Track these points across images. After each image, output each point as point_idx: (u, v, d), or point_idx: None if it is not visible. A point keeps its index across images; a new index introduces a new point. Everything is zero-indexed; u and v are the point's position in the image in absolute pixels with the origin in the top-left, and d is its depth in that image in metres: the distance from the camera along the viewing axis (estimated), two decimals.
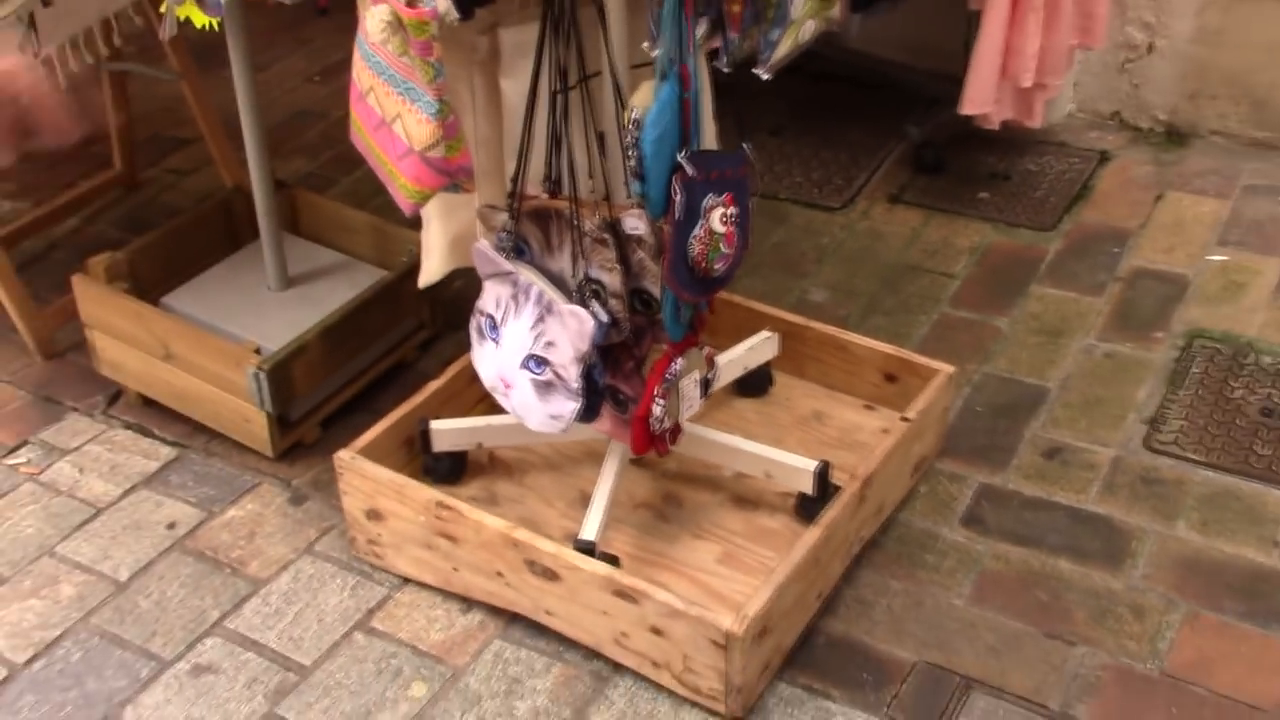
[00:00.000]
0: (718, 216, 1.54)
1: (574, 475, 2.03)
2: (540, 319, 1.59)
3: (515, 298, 1.62)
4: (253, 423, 2.16)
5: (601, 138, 1.67)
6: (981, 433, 2.16)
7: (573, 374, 1.54)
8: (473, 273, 1.86)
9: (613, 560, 1.82)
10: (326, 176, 2.92)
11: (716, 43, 1.51)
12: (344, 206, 2.49)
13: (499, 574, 1.83)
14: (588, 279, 1.62)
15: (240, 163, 2.21)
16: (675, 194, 1.49)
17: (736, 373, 2.11)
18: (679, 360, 1.67)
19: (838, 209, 2.71)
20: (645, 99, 1.49)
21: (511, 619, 1.88)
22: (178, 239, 2.41)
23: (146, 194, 2.89)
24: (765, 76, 1.53)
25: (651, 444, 1.74)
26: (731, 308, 2.09)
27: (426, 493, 1.85)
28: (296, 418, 2.19)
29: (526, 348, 1.60)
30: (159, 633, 1.91)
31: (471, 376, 2.10)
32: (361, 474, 1.89)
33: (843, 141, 2.91)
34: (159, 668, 1.86)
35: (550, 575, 1.77)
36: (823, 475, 1.89)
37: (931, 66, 2.84)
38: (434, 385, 2.06)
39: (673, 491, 1.99)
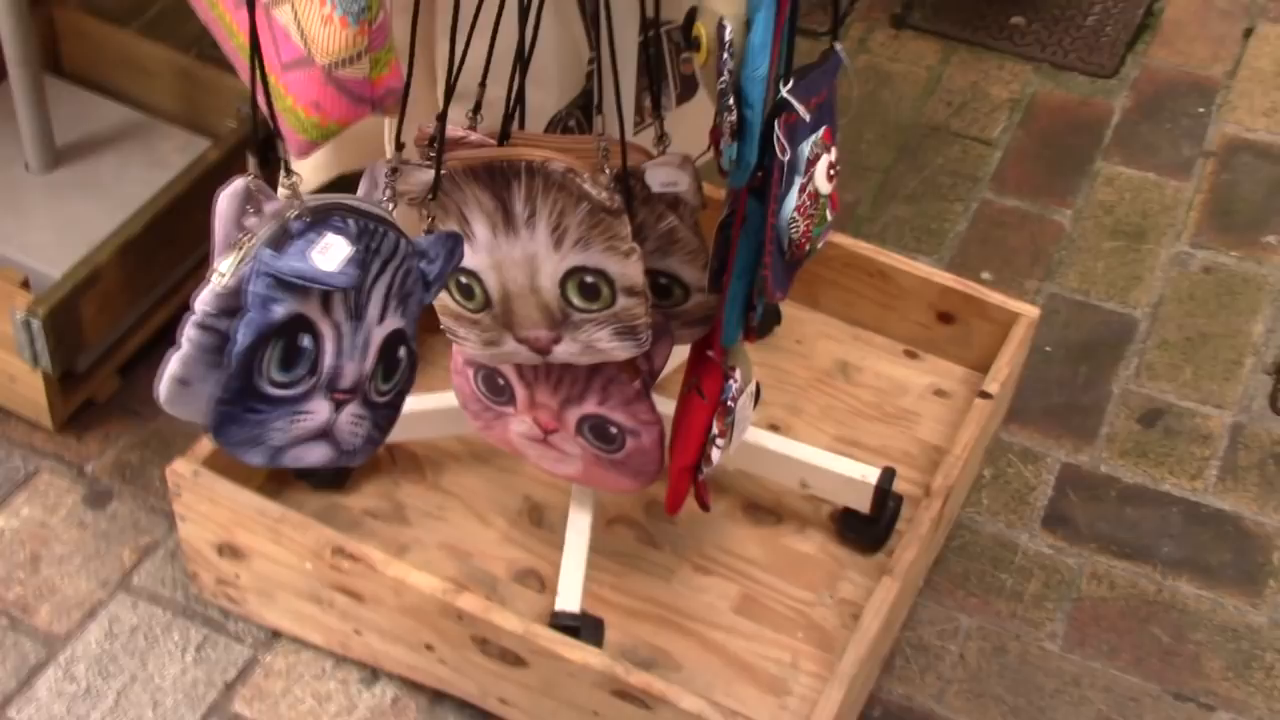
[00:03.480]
0: (823, 169, 1.19)
1: (513, 472, 1.68)
2: None
3: None
4: (22, 383, 1.74)
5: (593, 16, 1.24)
6: (1056, 386, 1.88)
7: (198, 308, 1.09)
8: None
9: (597, 626, 1.48)
10: None
11: None
12: (135, 37, 2.01)
13: (428, 647, 1.47)
14: (577, 270, 1.22)
15: None
16: (782, 151, 1.11)
17: None
18: (736, 373, 1.30)
19: (824, 35, 2.30)
20: (734, 3, 1.07)
21: (437, 693, 1.53)
22: None
23: None
24: None
25: (687, 494, 1.40)
26: (713, 210, 1.71)
27: (317, 531, 1.46)
28: (84, 367, 1.77)
29: None
30: None
31: None
32: (211, 498, 1.49)
33: None
34: None
35: (513, 660, 1.42)
36: (885, 490, 1.58)
37: None
38: None
39: (658, 497, 1.64)
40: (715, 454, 1.33)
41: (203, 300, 1.08)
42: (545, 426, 1.37)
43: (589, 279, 1.22)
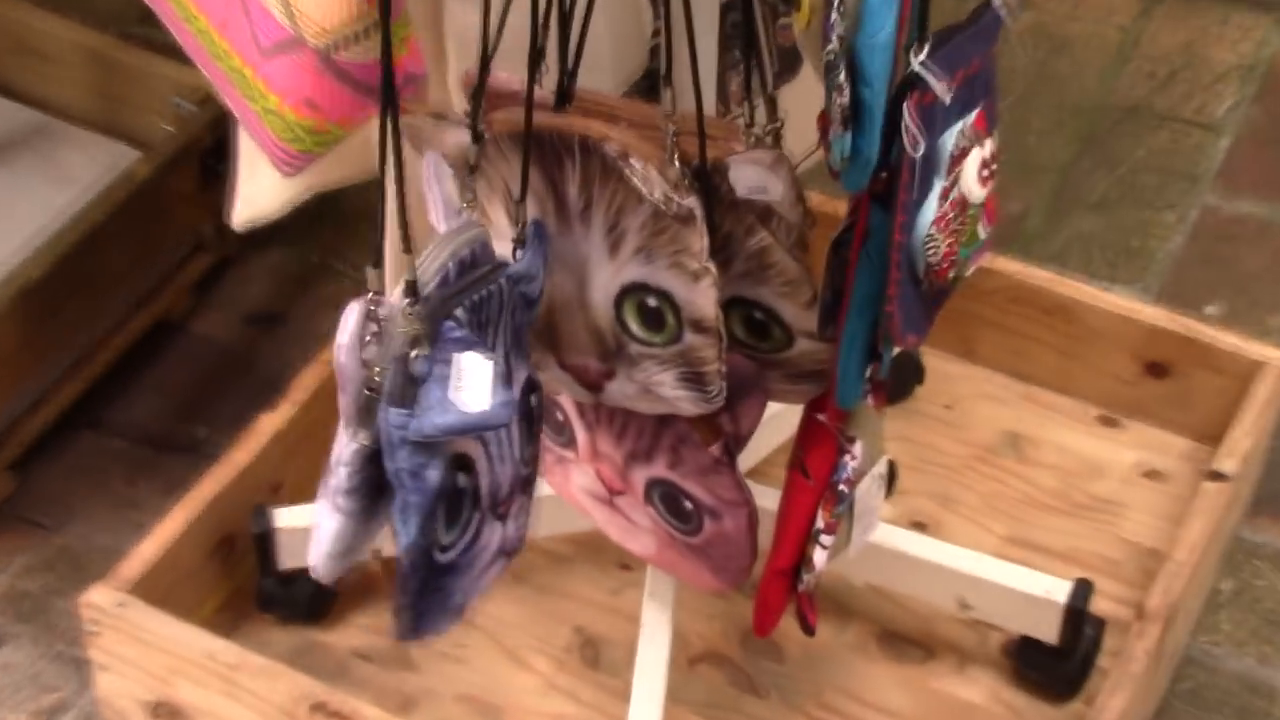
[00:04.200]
0: (973, 168, 1.22)
1: (559, 593, 1.74)
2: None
3: None
4: None
5: None
6: None
7: (336, 450, 1.22)
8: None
9: None
10: None
11: None
12: (30, 10, 2.11)
13: None
14: (636, 288, 1.27)
15: None
16: (912, 140, 1.15)
17: None
18: (855, 448, 1.33)
19: None
20: None
21: None
22: None
23: None
24: None
25: (784, 609, 1.43)
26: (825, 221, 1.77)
27: (290, 680, 1.51)
28: None
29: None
30: None
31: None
32: (144, 637, 1.55)
33: None
34: None
35: None
36: (1080, 611, 1.61)
37: None
38: (268, 423, 1.74)
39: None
40: (820, 556, 1.36)
41: (346, 462, 1.17)
42: (610, 485, 1.41)
43: (651, 301, 1.25)
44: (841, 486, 1.34)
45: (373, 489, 1.18)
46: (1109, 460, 1.83)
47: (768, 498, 1.42)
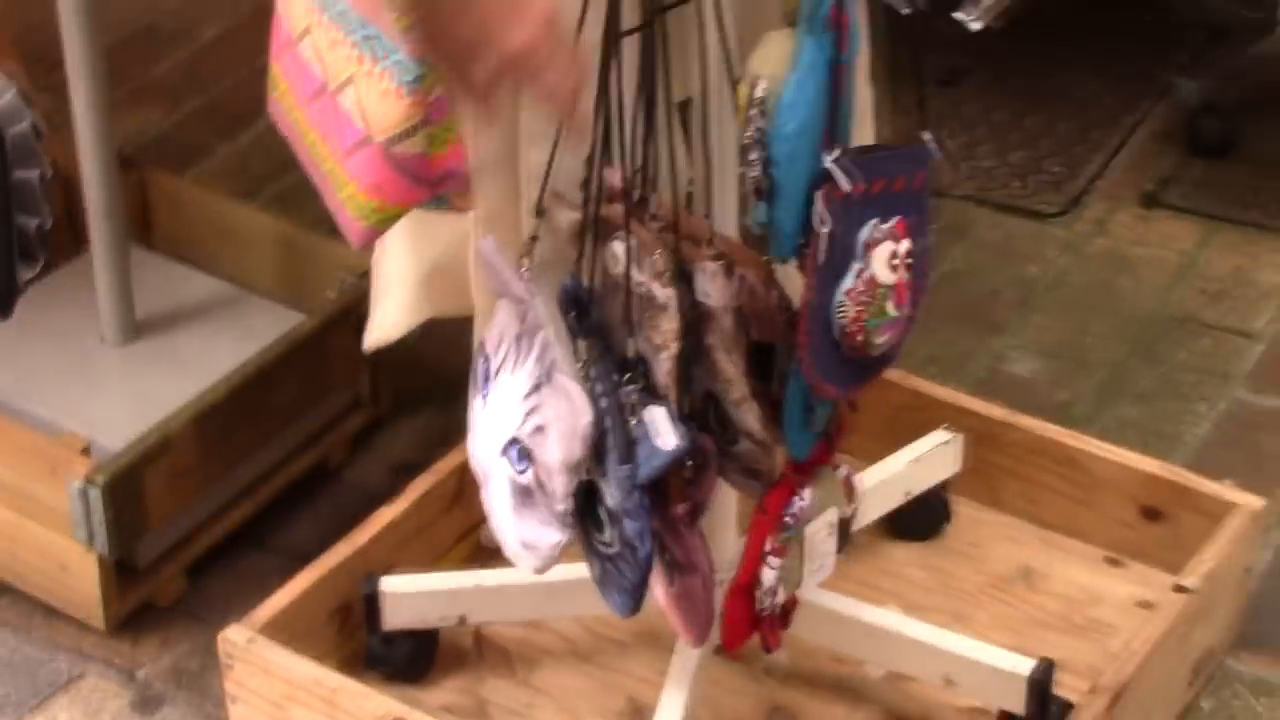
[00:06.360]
0: (883, 257, 1.55)
1: (618, 670, 2.05)
2: (537, 385, 1.62)
3: (520, 339, 1.64)
4: (74, 573, 2.12)
5: (684, 110, 1.68)
6: None
7: (558, 487, 1.59)
8: (457, 326, 1.90)
9: None
10: (192, 142, 2.94)
11: None
12: (229, 201, 2.51)
13: None
14: (635, 360, 1.61)
15: (54, 101, 2.20)
16: (820, 222, 1.51)
17: (893, 502, 2.13)
18: (805, 493, 1.69)
19: (1055, 215, 2.75)
20: (775, 63, 1.49)
21: None
22: None
23: None
24: (975, 27, 1.55)
25: (751, 631, 1.74)
26: (882, 387, 2.11)
27: (376, 700, 1.85)
28: (147, 562, 2.17)
29: (513, 423, 1.64)
30: None
31: (448, 497, 2.15)
32: (267, 668, 1.89)
33: (1064, 99, 2.94)
34: None
35: None
36: (1042, 684, 1.89)
37: None
38: (386, 514, 2.08)
39: (784, 703, 2.00)
40: (768, 575, 1.66)
41: (566, 501, 1.59)
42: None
43: (643, 369, 1.58)
44: (787, 518, 1.66)
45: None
46: (1109, 592, 2.10)
47: None
